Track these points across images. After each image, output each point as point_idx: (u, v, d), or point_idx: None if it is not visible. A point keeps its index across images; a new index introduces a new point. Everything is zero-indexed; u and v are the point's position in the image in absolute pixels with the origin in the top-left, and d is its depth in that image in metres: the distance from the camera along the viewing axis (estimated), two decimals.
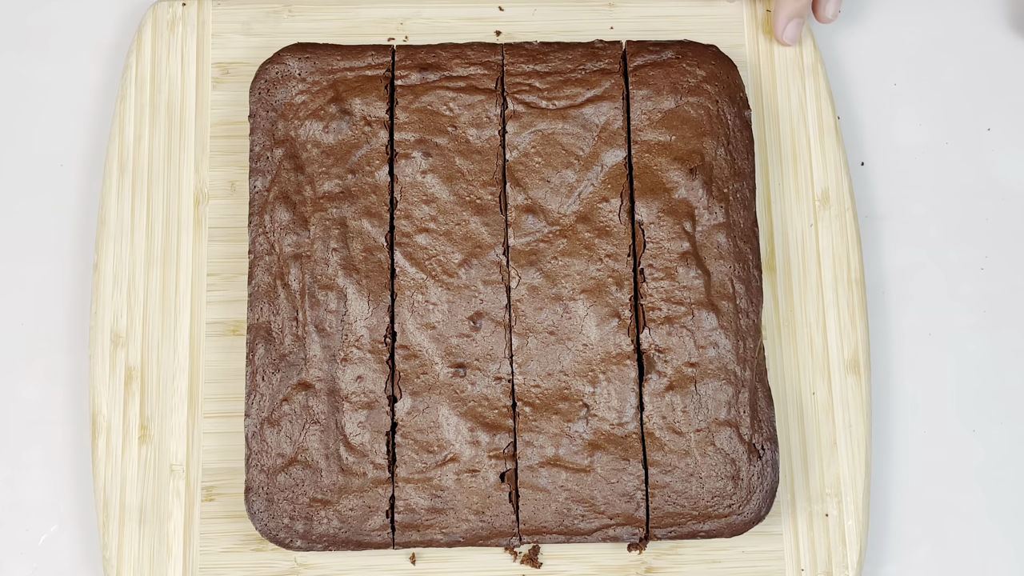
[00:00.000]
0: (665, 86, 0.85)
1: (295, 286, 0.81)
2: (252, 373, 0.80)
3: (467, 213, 0.82)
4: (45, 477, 0.84)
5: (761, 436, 0.80)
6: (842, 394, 0.84)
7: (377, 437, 0.80)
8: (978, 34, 0.94)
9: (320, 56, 0.86)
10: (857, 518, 0.82)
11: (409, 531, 0.79)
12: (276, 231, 0.82)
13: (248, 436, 0.80)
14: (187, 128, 0.87)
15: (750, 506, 0.79)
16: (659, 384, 0.80)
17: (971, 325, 0.88)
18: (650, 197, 0.82)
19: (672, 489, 0.79)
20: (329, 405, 0.80)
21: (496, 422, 0.80)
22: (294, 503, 0.79)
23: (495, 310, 0.81)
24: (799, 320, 0.85)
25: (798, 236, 0.87)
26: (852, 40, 0.93)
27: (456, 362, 0.80)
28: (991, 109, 0.92)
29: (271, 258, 0.82)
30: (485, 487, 0.79)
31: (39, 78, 0.90)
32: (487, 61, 0.85)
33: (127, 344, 0.84)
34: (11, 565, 0.82)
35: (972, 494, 0.86)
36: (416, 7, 0.90)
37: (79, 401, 0.85)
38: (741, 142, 0.84)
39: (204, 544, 0.81)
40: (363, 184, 0.83)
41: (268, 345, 0.81)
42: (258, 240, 0.82)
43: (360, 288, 0.81)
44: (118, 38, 0.91)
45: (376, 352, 0.80)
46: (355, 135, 0.84)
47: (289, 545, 0.79)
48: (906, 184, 0.91)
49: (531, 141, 0.84)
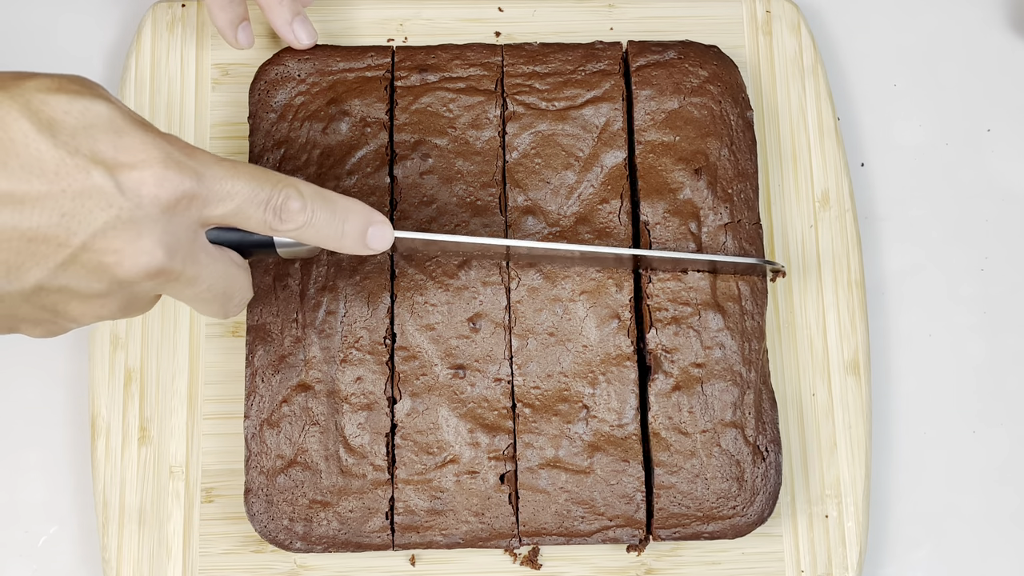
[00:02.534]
0: (668, 86, 0.85)
1: (294, 287, 0.81)
2: (251, 375, 0.80)
3: (467, 214, 0.82)
4: (44, 478, 0.84)
5: (765, 438, 0.80)
6: (842, 395, 0.84)
7: (377, 439, 0.79)
8: (978, 34, 0.94)
9: (319, 57, 0.86)
10: (857, 519, 0.82)
11: (409, 532, 0.79)
12: None
13: (247, 438, 0.80)
14: (187, 129, 0.87)
15: (754, 508, 0.79)
16: (666, 384, 0.80)
17: (971, 326, 0.88)
18: (655, 197, 0.82)
19: (678, 490, 0.79)
20: (329, 406, 0.80)
21: (496, 423, 0.80)
22: (294, 504, 0.79)
23: (494, 311, 0.81)
24: (799, 321, 0.85)
25: (798, 237, 0.87)
26: (852, 40, 0.93)
27: (456, 363, 0.80)
28: (991, 110, 0.92)
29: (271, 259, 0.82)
30: (485, 488, 0.79)
31: None
32: (487, 62, 0.85)
33: (126, 346, 0.84)
34: (11, 566, 0.82)
35: (972, 495, 0.86)
36: (416, 8, 0.90)
37: (78, 403, 0.85)
38: (744, 143, 0.84)
39: (203, 545, 0.81)
40: (363, 185, 0.83)
41: (267, 346, 0.81)
42: None
43: (359, 289, 0.81)
44: (117, 39, 0.91)
45: (376, 353, 0.80)
46: (354, 136, 0.84)
47: (288, 547, 0.79)
48: (906, 185, 0.91)
49: (531, 142, 0.84)
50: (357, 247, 0.69)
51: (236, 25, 0.85)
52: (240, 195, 0.62)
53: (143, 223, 0.59)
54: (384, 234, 0.69)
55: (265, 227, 0.64)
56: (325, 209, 0.66)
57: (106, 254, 0.59)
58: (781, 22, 0.90)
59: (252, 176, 0.63)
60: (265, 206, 0.64)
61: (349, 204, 0.68)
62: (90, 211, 0.58)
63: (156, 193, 0.59)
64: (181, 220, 0.61)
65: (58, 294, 0.60)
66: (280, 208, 0.64)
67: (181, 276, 0.62)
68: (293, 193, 0.64)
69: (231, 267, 0.66)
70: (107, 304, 0.62)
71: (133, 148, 0.59)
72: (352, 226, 0.68)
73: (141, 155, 0.59)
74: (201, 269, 0.63)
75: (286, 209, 0.64)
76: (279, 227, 0.65)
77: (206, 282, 0.64)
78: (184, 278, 0.62)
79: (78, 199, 0.58)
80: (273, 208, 0.64)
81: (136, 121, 0.60)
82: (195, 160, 0.61)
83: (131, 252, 0.59)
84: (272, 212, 0.64)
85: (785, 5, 0.90)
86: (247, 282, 0.68)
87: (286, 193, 0.64)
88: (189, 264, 0.62)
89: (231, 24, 0.84)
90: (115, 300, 0.62)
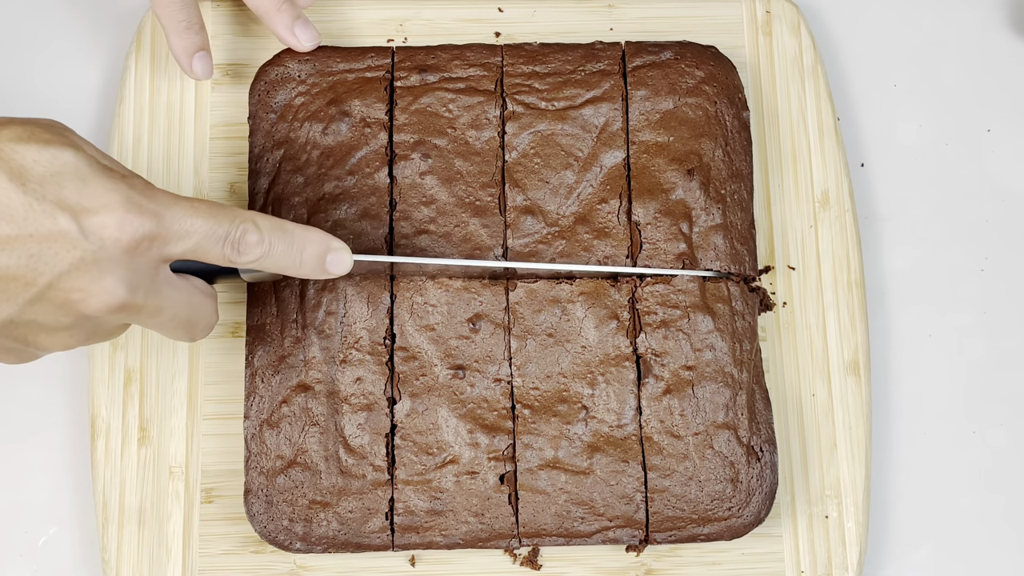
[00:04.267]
0: (663, 87, 0.84)
1: (294, 288, 0.81)
2: (251, 375, 0.80)
3: (466, 215, 0.82)
4: (44, 479, 0.84)
5: (759, 438, 0.80)
6: (842, 396, 0.84)
7: (376, 439, 0.80)
8: (978, 34, 0.94)
9: (320, 58, 0.86)
10: (857, 520, 0.82)
11: (409, 533, 0.79)
12: None
13: (247, 438, 0.80)
14: (186, 130, 0.87)
15: (749, 508, 0.79)
16: (656, 388, 0.80)
17: (971, 326, 0.88)
18: (647, 198, 0.82)
19: (671, 493, 0.79)
20: (328, 407, 0.80)
21: (495, 424, 0.80)
22: (293, 505, 0.79)
23: (494, 312, 0.81)
24: (799, 321, 0.85)
25: (798, 237, 0.87)
26: (852, 40, 0.93)
27: (455, 364, 0.80)
28: (991, 110, 0.92)
29: None
30: (484, 489, 0.79)
31: (38, 80, 0.90)
32: (486, 63, 0.85)
33: (126, 346, 0.84)
34: (11, 567, 0.82)
35: (972, 496, 0.86)
36: (416, 8, 0.90)
37: (78, 403, 0.85)
38: (739, 143, 0.84)
39: (203, 546, 0.81)
40: (362, 186, 0.83)
41: (267, 347, 0.81)
42: None
43: (359, 290, 0.81)
44: (117, 39, 0.91)
45: (375, 354, 0.80)
46: (354, 137, 0.84)
47: (288, 547, 0.79)
48: (906, 185, 0.91)
49: (530, 142, 0.84)
50: (316, 273, 0.73)
51: (191, 54, 0.84)
52: (199, 232, 0.67)
53: (105, 264, 0.64)
54: (342, 259, 0.74)
55: (225, 260, 0.69)
56: (283, 240, 0.71)
57: (72, 292, 0.64)
58: (781, 22, 0.90)
59: (210, 213, 0.68)
60: (223, 241, 0.68)
61: (307, 233, 0.72)
62: (56, 253, 0.63)
63: (117, 236, 0.63)
64: (142, 259, 0.65)
65: (27, 327, 0.65)
66: (238, 242, 0.69)
67: (144, 309, 0.67)
68: (250, 227, 0.69)
69: (195, 296, 0.71)
70: (75, 335, 0.66)
71: (96, 194, 0.63)
72: (310, 254, 0.72)
73: (103, 200, 0.63)
74: (163, 300, 0.68)
75: (244, 243, 0.69)
76: (238, 259, 0.69)
77: (169, 312, 0.69)
78: (147, 310, 0.67)
79: (45, 242, 0.62)
80: (231, 242, 0.69)
81: (101, 167, 0.64)
82: (155, 202, 0.65)
83: (95, 291, 0.64)
84: (230, 246, 0.69)
85: (785, 5, 0.90)
86: (211, 308, 0.73)
87: (243, 228, 0.69)
88: (151, 298, 0.67)
89: (186, 52, 0.84)
90: (82, 331, 0.66)
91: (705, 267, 0.81)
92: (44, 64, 0.91)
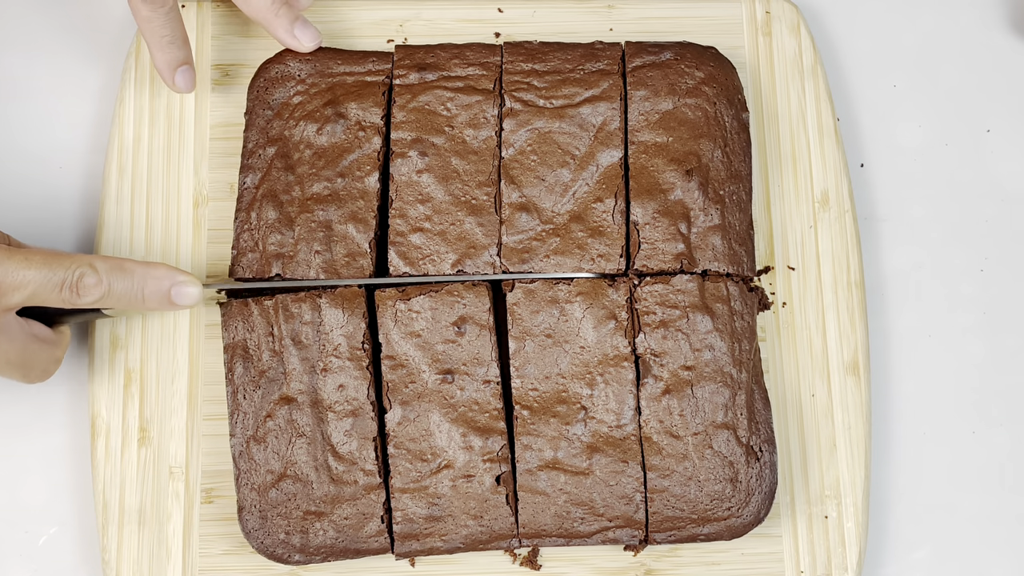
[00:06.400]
0: (663, 87, 0.84)
1: (267, 301, 0.81)
2: (233, 393, 0.80)
3: (462, 213, 0.82)
4: (45, 479, 0.84)
5: (759, 438, 0.80)
6: (841, 396, 0.84)
7: (365, 444, 0.79)
8: (978, 35, 0.93)
9: (321, 59, 0.86)
10: (856, 520, 0.82)
11: (409, 540, 0.79)
12: (261, 228, 0.82)
13: (235, 456, 0.79)
14: (186, 130, 0.87)
15: (749, 508, 0.79)
16: (655, 388, 0.80)
17: (971, 327, 0.88)
18: (646, 198, 0.82)
19: (671, 493, 0.79)
20: (313, 417, 0.79)
21: (488, 425, 0.79)
22: (288, 518, 0.79)
23: (478, 314, 0.80)
24: (798, 322, 0.85)
25: (798, 238, 0.87)
26: (852, 41, 0.93)
27: (443, 368, 0.80)
28: (991, 110, 0.92)
29: (253, 256, 0.81)
30: (481, 491, 0.79)
31: (39, 80, 0.90)
32: (486, 62, 0.85)
33: (126, 346, 0.84)
34: (11, 567, 0.83)
35: (972, 496, 0.86)
36: (416, 9, 0.90)
37: (78, 403, 0.85)
38: (738, 144, 0.84)
39: (203, 546, 0.81)
40: (352, 188, 0.82)
41: (246, 363, 0.80)
42: (242, 236, 0.82)
43: (333, 297, 0.80)
44: (117, 40, 0.91)
45: (355, 359, 0.80)
46: (348, 139, 0.83)
47: (287, 560, 0.79)
48: (906, 186, 0.91)
49: (527, 139, 0.83)
50: (163, 306, 0.78)
51: (174, 68, 0.84)
52: (33, 282, 0.73)
53: None
54: (189, 292, 0.78)
55: (66, 304, 0.74)
56: (122, 279, 0.76)
57: None
58: (781, 23, 0.90)
59: (44, 263, 0.73)
60: (60, 287, 0.74)
61: (148, 270, 0.77)
62: None
63: None
64: None
65: None
66: (75, 286, 0.74)
67: None
68: (87, 271, 0.74)
69: (31, 344, 0.75)
70: None
71: None
72: (151, 290, 0.77)
73: None
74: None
75: (82, 286, 0.74)
76: (78, 302, 0.74)
77: (2, 357, 0.74)
78: None
79: None
80: (69, 287, 0.74)
81: None
82: None
83: None
84: (69, 290, 0.74)
85: (785, 6, 0.90)
86: (48, 356, 0.77)
87: (80, 272, 0.74)
88: None
89: (169, 67, 0.84)
90: None
91: (704, 268, 0.81)
92: (44, 65, 0.91)
